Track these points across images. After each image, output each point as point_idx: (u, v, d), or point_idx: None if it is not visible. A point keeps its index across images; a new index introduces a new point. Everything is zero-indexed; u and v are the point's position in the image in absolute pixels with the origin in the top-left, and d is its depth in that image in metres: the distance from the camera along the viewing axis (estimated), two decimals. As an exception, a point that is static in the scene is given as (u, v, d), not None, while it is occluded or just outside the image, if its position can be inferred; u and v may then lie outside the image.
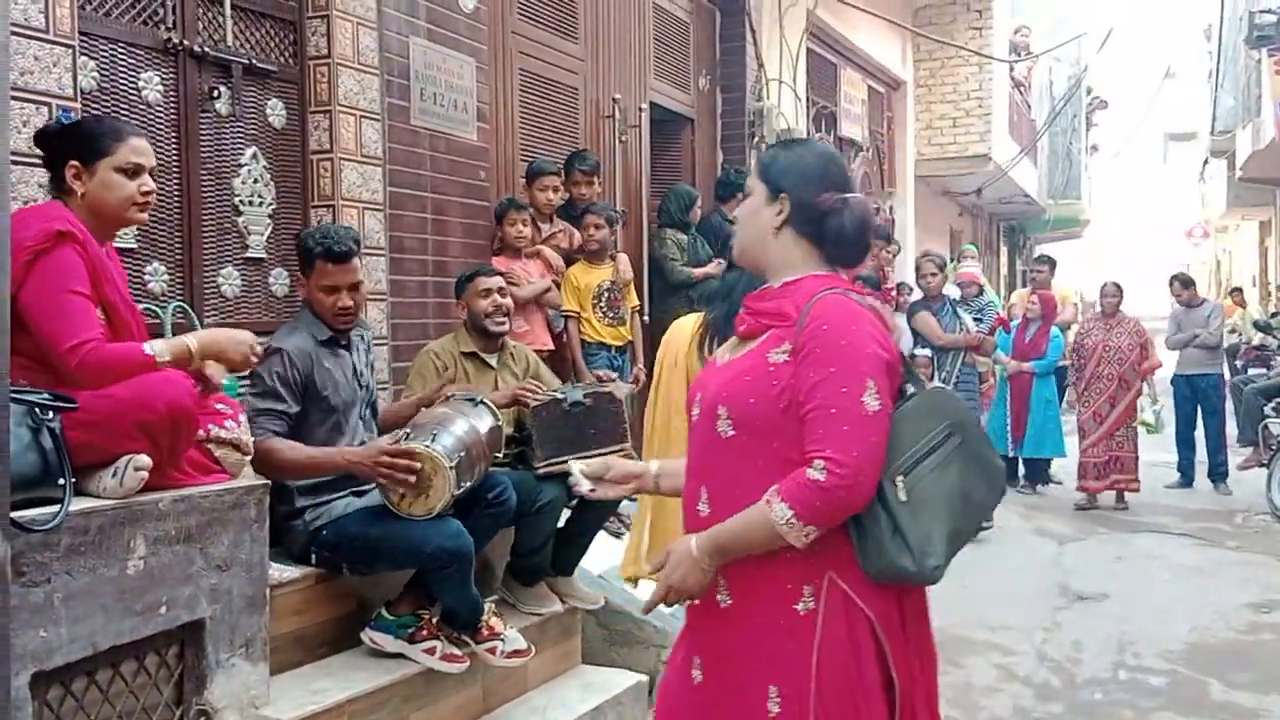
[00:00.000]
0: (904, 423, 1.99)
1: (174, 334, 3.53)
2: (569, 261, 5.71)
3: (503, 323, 4.26)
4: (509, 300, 4.35)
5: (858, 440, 1.91)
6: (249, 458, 3.05)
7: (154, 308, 3.65)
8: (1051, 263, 10.04)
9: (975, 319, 7.89)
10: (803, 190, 2.09)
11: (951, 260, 10.70)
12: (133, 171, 2.76)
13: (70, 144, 2.72)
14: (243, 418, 3.06)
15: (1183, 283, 10.31)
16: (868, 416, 1.92)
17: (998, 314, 9.16)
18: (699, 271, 6.62)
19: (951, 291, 8.48)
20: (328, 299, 3.50)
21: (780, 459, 1.99)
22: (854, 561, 1.98)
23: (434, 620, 3.50)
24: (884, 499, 1.94)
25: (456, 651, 3.49)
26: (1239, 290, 14.40)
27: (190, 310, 3.78)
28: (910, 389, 2.05)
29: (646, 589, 3.27)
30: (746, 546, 2.00)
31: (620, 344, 5.76)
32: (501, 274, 4.44)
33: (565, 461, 3.90)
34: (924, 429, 1.99)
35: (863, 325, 1.98)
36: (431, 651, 3.44)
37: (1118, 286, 8.99)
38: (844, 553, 1.98)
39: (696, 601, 2.11)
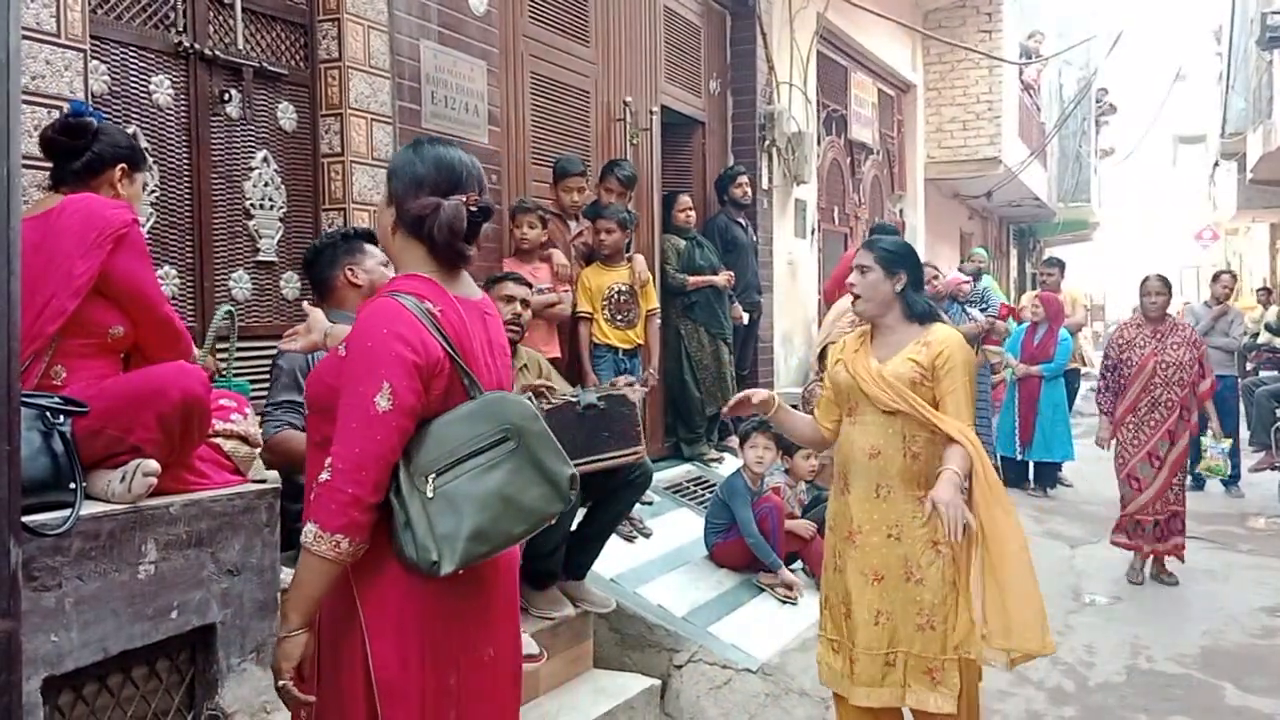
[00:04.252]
0: (455, 425, 2.05)
1: (216, 339, 3.55)
2: (590, 260, 5.69)
3: (516, 332, 4.26)
4: (529, 314, 4.35)
5: (361, 438, 1.97)
6: (258, 450, 3.05)
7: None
8: (1061, 265, 10.00)
9: (981, 308, 7.94)
10: (405, 195, 2.14)
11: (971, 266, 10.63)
12: None
13: (123, 148, 2.86)
14: (249, 410, 3.06)
15: (1233, 277, 10.27)
16: (375, 416, 1.97)
17: (1002, 303, 9.13)
18: (696, 280, 6.61)
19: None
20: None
21: None
22: (382, 553, 2.04)
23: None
24: (400, 493, 2.00)
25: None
26: (1267, 290, 14.32)
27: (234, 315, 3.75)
28: (473, 393, 2.09)
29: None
30: (307, 588, 2.02)
31: (629, 347, 5.74)
32: (530, 285, 4.44)
33: (577, 465, 3.91)
34: (473, 432, 2.04)
35: (395, 328, 2.01)
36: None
37: (1164, 281, 6.63)
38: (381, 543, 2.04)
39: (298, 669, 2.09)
